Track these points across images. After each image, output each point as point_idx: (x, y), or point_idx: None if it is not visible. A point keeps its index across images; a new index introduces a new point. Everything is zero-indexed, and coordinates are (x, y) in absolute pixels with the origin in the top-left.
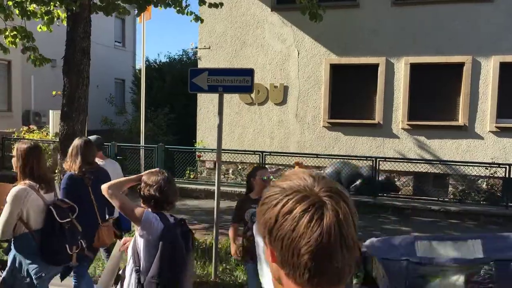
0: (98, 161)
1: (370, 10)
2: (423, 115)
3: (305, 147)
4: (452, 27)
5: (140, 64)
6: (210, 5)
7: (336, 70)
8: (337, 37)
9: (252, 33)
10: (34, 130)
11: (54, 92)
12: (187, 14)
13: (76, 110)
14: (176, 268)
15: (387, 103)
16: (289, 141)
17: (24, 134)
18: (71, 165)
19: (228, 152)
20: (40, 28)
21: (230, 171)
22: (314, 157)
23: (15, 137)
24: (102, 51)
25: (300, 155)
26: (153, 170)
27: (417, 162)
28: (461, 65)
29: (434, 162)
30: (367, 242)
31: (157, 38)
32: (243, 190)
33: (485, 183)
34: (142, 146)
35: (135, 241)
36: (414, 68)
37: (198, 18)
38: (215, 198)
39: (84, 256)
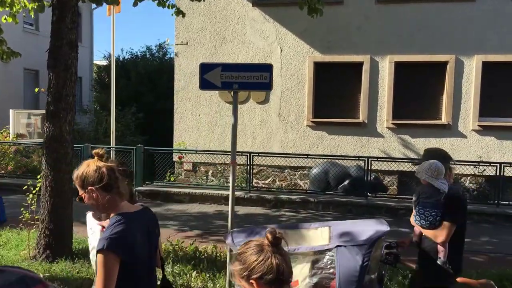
0: None
1: (355, 7)
2: (407, 114)
3: (288, 147)
4: (436, 25)
5: (97, 61)
6: None
7: (320, 68)
8: (321, 35)
9: (232, 29)
10: None
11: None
12: (168, 7)
13: (63, 109)
14: None
15: (372, 102)
16: (271, 141)
17: None
18: None
19: (211, 153)
20: (5, 19)
21: (210, 173)
22: (305, 157)
23: None
24: None
25: (290, 156)
26: None
27: (407, 161)
28: (444, 64)
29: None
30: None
31: (117, 33)
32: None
33: (468, 181)
34: (113, 147)
35: None
36: (399, 67)
37: (179, 12)
38: (230, 203)
39: None
